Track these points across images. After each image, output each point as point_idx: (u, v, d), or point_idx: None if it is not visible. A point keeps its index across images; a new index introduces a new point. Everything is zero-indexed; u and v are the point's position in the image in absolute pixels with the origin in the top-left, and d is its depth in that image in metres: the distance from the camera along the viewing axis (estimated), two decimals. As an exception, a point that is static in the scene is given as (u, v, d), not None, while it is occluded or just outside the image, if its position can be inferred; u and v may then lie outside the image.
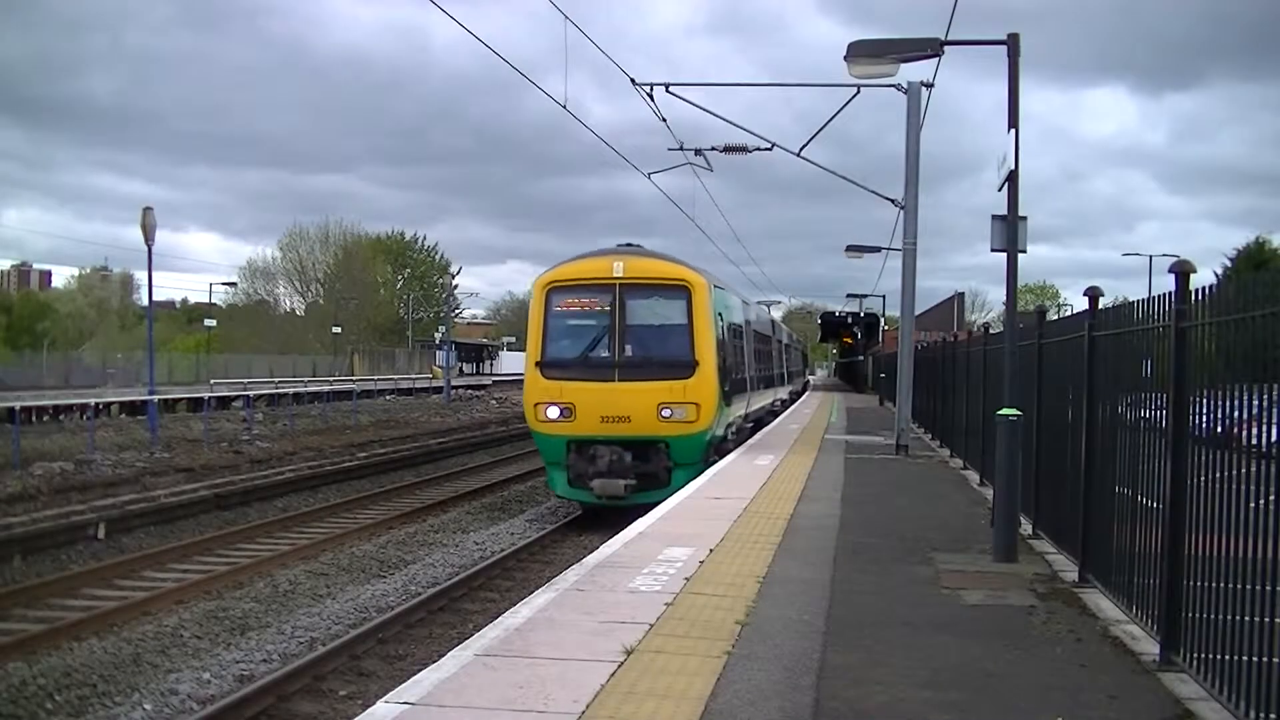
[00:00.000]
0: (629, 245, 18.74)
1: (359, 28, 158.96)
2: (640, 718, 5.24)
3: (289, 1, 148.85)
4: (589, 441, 17.04)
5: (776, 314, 57.35)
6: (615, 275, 17.33)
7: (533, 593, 8.03)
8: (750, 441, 22.43)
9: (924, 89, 19.23)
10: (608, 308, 17.35)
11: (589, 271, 17.73)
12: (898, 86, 18.87)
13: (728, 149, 22.79)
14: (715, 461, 17.63)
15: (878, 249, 32.74)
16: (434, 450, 31.14)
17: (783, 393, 37.99)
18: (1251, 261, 47.62)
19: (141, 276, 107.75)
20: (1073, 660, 6.49)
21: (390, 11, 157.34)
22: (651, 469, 17.15)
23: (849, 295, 57.09)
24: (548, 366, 17.35)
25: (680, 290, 17.45)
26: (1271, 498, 4.88)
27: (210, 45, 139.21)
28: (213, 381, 51.75)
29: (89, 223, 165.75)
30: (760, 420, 27.93)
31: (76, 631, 11.19)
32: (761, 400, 27.86)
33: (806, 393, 54.86)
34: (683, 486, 14.40)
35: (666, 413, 16.92)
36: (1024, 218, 10.07)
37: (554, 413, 17.08)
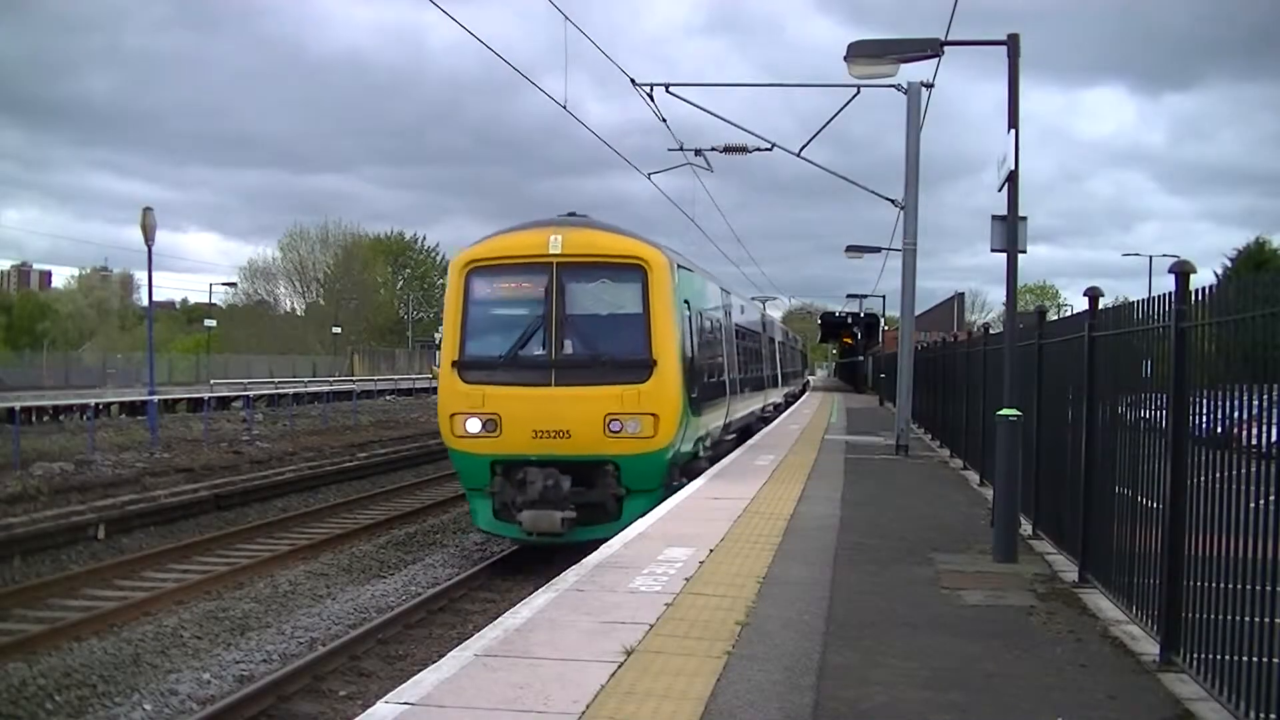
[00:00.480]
0: (573, 215, 15.37)
1: (356, 28, 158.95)
2: (640, 718, 5.24)
3: (285, 2, 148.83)
4: (518, 462, 13.78)
5: (775, 313, 57.23)
6: (551, 252, 13.97)
7: (533, 593, 8.03)
8: (750, 442, 22.38)
9: (924, 89, 19.25)
10: (542, 293, 14.01)
11: (518, 247, 14.35)
12: (898, 87, 18.88)
13: (728, 149, 22.82)
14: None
15: (878, 249, 32.81)
16: (434, 450, 31.04)
17: (775, 396, 34.75)
18: (1251, 262, 47.64)
19: (141, 277, 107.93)
20: (1073, 660, 6.49)
21: (387, 12, 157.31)
22: (596, 497, 13.91)
23: (849, 295, 57.13)
24: (467, 367, 14.11)
25: (634, 270, 14.11)
26: (1271, 498, 4.88)
27: (208, 45, 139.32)
28: (213, 382, 51.75)
29: (88, 223, 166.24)
30: (748, 428, 25.08)
31: (76, 631, 11.19)
32: (748, 406, 24.61)
33: (806, 394, 54.83)
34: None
35: (616, 426, 13.65)
36: (1024, 218, 10.08)
37: (474, 425, 13.80)
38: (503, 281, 14.52)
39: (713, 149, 23.19)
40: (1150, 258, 55.25)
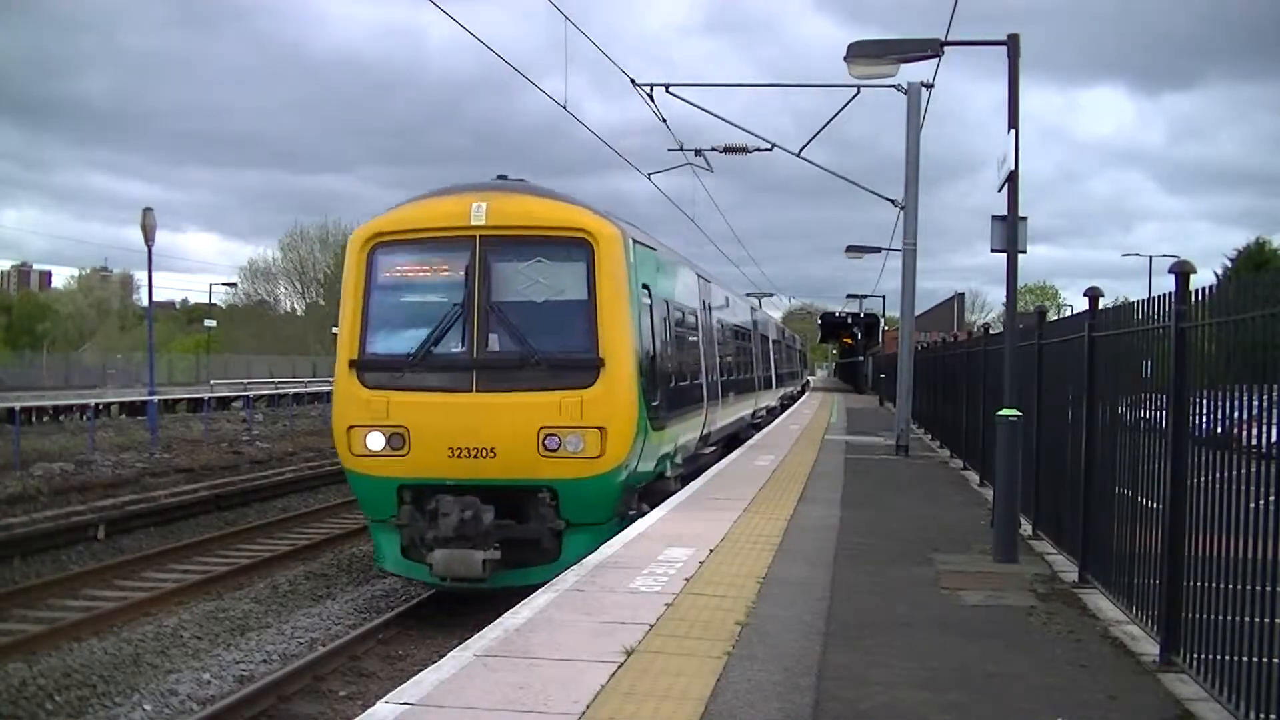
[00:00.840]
0: (504, 179, 12.60)
1: (355, 28, 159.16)
2: (641, 718, 5.24)
3: (284, 2, 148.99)
4: (432, 487, 11.18)
5: (776, 314, 57.06)
6: (474, 223, 11.38)
7: (533, 593, 8.03)
8: (750, 442, 22.35)
9: (924, 89, 19.26)
10: (461, 274, 11.43)
11: (433, 218, 11.72)
12: (898, 87, 18.89)
13: (728, 149, 22.85)
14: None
15: (878, 249, 32.85)
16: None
17: (768, 399, 31.77)
18: (1251, 262, 47.65)
19: (141, 277, 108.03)
20: (1073, 661, 6.49)
21: (386, 11, 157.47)
22: (528, 533, 11.24)
23: (849, 295, 57.23)
24: (368, 368, 11.51)
25: (577, 246, 11.45)
26: (1271, 498, 4.88)
27: (206, 46, 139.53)
28: (213, 382, 51.76)
29: (87, 223, 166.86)
30: (736, 435, 22.61)
31: (76, 631, 11.19)
32: (733, 413, 21.59)
33: (805, 394, 54.78)
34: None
35: (553, 442, 11.01)
36: (1024, 218, 10.08)
37: (376, 441, 11.22)
38: (413, 260, 11.91)
39: (713, 149, 23.24)
40: (1150, 258, 55.27)
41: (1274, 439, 5.13)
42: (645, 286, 12.66)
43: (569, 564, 9.30)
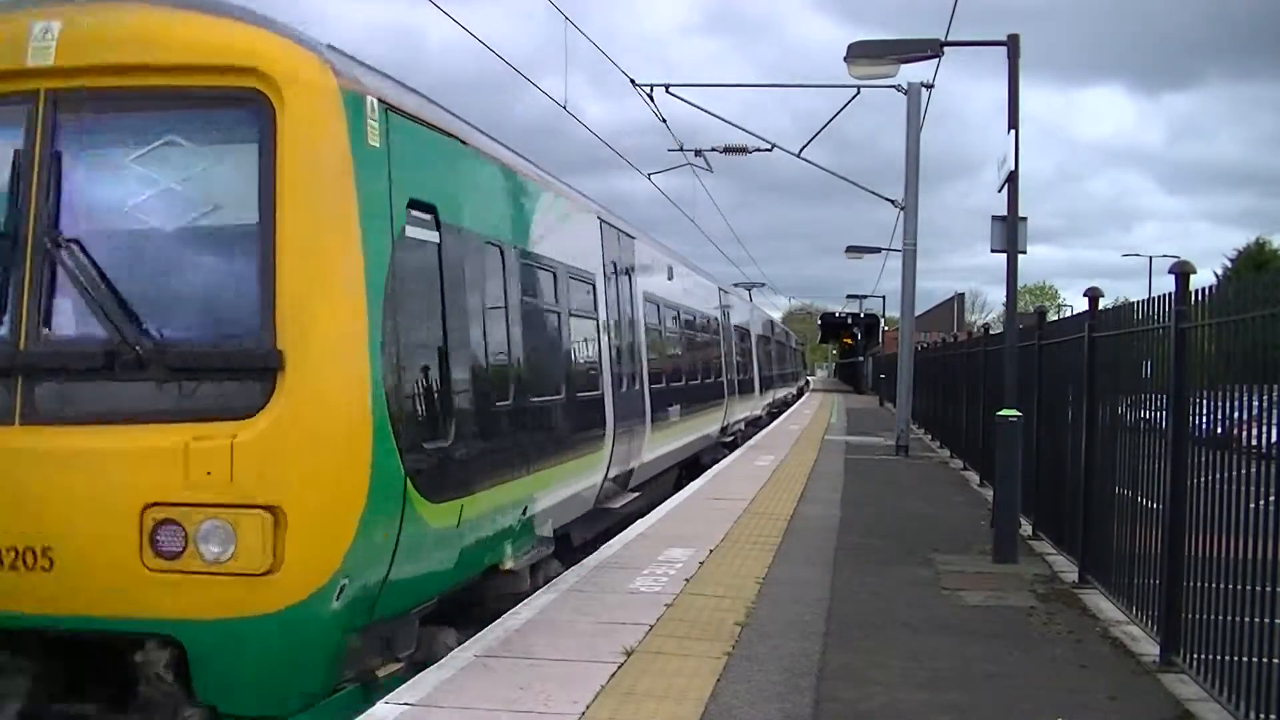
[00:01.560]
0: None
1: (355, 28, 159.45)
2: (641, 718, 5.24)
3: (281, 2, 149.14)
4: None
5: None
6: (32, 64, 5.41)
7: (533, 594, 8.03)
8: (750, 442, 22.33)
9: (924, 89, 19.29)
10: (4, 176, 5.48)
11: None
12: (898, 87, 18.92)
13: (728, 150, 22.90)
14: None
15: (878, 250, 32.88)
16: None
17: (747, 409, 26.20)
18: (1251, 262, 47.66)
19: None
20: (1073, 661, 6.49)
21: (386, 11, 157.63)
22: None
23: (849, 296, 57.33)
24: None
25: (243, 106, 5.44)
26: (1271, 498, 4.88)
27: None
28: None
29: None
30: (696, 460, 18.08)
31: (76, 632, 11.14)
32: (681, 435, 15.86)
33: (804, 396, 54.76)
34: None
35: (171, 539, 5.07)
36: (1024, 218, 10.10)
37: None
38: None
39: (712, 149, 23.28)
40: (1150, 258, 55.35)
41: (1274, 439, 5.13)
42: (424, 207, 6.46)
43: None
